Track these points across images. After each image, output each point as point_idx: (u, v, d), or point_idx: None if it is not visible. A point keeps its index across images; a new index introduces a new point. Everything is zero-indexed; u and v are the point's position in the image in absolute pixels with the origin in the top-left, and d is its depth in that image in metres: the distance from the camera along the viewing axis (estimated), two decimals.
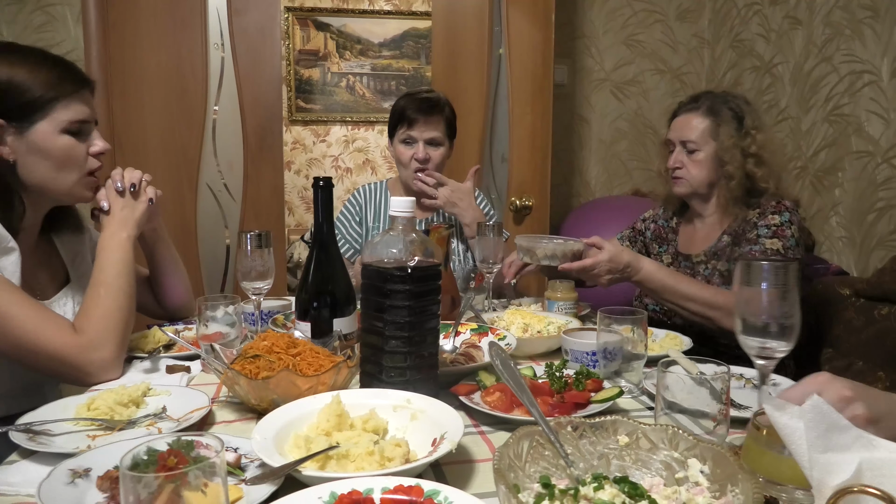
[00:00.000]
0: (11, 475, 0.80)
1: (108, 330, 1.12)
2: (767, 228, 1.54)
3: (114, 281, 1.17)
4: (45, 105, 1.12)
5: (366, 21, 4.29)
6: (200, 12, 2.45)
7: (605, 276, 1.44)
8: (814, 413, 0.55)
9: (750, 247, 1.53)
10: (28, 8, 2.48)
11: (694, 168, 1.64)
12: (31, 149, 1.13)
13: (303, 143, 4.39)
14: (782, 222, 1.54)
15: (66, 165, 1.17)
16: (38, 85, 1.11)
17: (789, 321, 0.84)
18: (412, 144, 1.91)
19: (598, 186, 3.10)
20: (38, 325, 1.06)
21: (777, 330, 0.84)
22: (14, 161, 1.13)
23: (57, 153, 1.15)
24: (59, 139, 1.15)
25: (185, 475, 0.54)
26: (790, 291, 0.84)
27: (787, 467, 0.64)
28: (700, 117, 1.63)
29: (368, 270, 0.94)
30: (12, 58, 1.12)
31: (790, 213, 1.56)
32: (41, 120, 1.13)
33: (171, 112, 2.47)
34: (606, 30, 3.00)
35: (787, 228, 1.53)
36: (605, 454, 0.72)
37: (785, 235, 1.52)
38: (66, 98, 1.14)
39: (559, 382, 1.01)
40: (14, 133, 1.12)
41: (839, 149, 2.29)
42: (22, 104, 1.11)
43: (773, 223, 1.54)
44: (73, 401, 1.00)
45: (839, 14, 2.29)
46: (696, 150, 1.63)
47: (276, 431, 0.81)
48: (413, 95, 1.94)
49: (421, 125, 1.89)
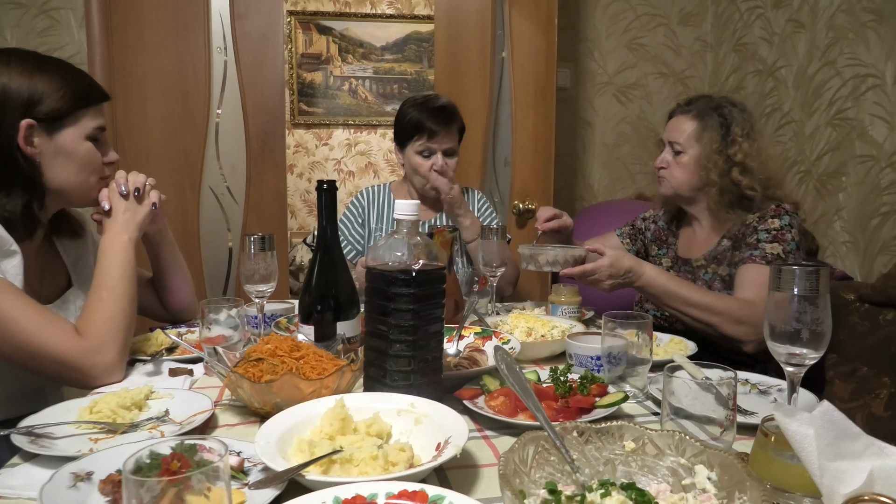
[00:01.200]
0: (13, 478, 0.80)
1: (111, 333, 1.12)
2: (767, 233, 1.53)
3: (116, 284, 1.17)
4: (74, 112, 1.19)
5: (368, 25, 4.29)
6: (203, 17, 2.45)
7: (607, 281, 1.43)
8: (824, 420, 0.54)
9: (750, 252, 1.52)
10: (32, 12, 2.48)
11: (677, 170, 1.64)
12: (58, 151, 1.18)
13: (305, 146, 4.39)
14: (782, 226, 1.53)
15: (86, 169, 1.22)
16: (71, 95, 1.18)
17: (820, 328, 0.82)
18: (430, 156, 1.92)
19: (601, 190, 3.10)
20: (40, 328, 1.06)
21: (808, 337, 0.82)
22: (40, 162, 1.17)
23: (80, 157, 1.20)
24: (83, 144, 1.20)
25: (188, 479, 0.54)
26: (821, 297, 0.82)
27: (796, 474, 0.63)
28: (690, 120, 1.63)
29: (373, 274, 0.94)
30: (48, 67, 1.18)
31: (790, 216, 1.55)
32: (70, 126, 1.18)
33: (174, 116, 2.47)
34: (609, 33, 3.00)
35: (787, 232, 1.52)
36: (611, 460, 0.72)
37: (785, 240, 1.51)
38: (92, 108, 1.21)
39: (564, 387, 1.01)
40: (43, 135, 1.16)
41: (843, 153, 2.29)
42: (54, 109, 1.16)
43: (772, 227, 1.53)
44: (76, 404, 1.00)
45: (843, 18, 2.29)
46: (681, 151, 1.63)
47: (279, 435, 0.81)
48: (426, 104, 1.93)
49: (441, 137, 1.91)
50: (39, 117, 1.15)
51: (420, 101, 1.96)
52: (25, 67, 1.15)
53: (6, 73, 1.13)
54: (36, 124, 1.15)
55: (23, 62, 1.16)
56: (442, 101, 1.96)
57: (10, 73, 1.14)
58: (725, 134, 1.58)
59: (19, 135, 1.13)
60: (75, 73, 1.22)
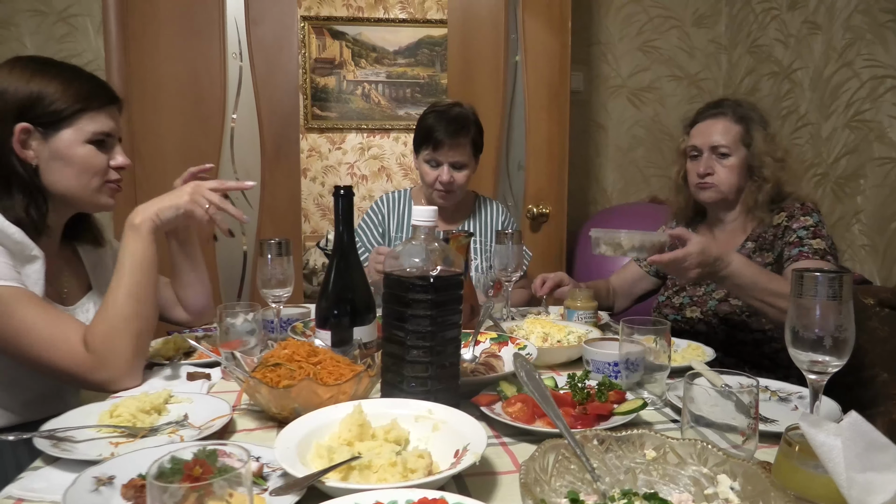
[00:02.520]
0: (36, 482, 0.81)
1: (117, 345, 1.10)
2: (805, 230, 1.54)
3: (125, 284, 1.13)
4: (72, 115, 1.17)
5: (381, 29, 4.31)
6: (218, 23, 2.48)
7: (695, 269, 1.32)
8: (852, 431, 0.53)
9: (797, 249, 1.52)
10: (51, 19, 2.52)
11: (725, 173, 1.62)
12: (54, 154, 1.17)
13: (319, 150, 4.41)
14: (816, 223, 1.54)
15: (86, 173, 1.20)
16: (69, 97, 1.16)
17: (843, 334, 0.81)
18: (437, 167, 1.90)
19: (615, 194, 3.09)
20: (49, 344, 1.07)
21: (831, 344, 0.81)
22: (37, 165, 1.17)
23: (78, 161, 1.19)
24: (81, 148, 1.19)
25: (210, 485, 0.54)
26: (844, 303, 0.81)
27: (821, 485, 0.62)
28: (729, 122, 1.63)
29: (390, 280, 0.94)
30: (49, 71, 1.18)
31: (818, 214, 1.57)
32: (67, 128, 1.17)
33: (189, 121, 2.49)
34: (622, 36, 2.99)
35: (821, 229, 1.54)
36: (632, 469, 0.71)
37: (824, 236, 1.53)
38: (93, 111, 1.19)
39: (581, 394, 1.00)
40: (39, 138, 1.16)
41: (861, 155, 2.26)
42: (50, 112, 1.15)
43: (808, 224, 1.54)
44: (96, 407, 1.01)
45: (860, 18, 2.26)
46: (728, 154, 1.62)
47: (298, 441, 0.81)
48: (442, 113, 1.88)
49: (446, 149, 1.86)
50: (36, 121, 1.15)
51: (440, 109, 1.91)
52: (26, 72, 1.15)
53: (7, 77, 1.14)
54: (32, 128, 1.15)
55: (25, 67, 1.16)
56: (455, 112, 1.89)
57: (11, 77, 1.14)
58: (767, 132, 1.62)
59: (14, 138, 1.13)
60: (78, 76, 1.20)
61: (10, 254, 1.11)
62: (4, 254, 1.10)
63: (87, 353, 1.08)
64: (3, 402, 1.18)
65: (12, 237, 1.11)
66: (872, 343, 1.73)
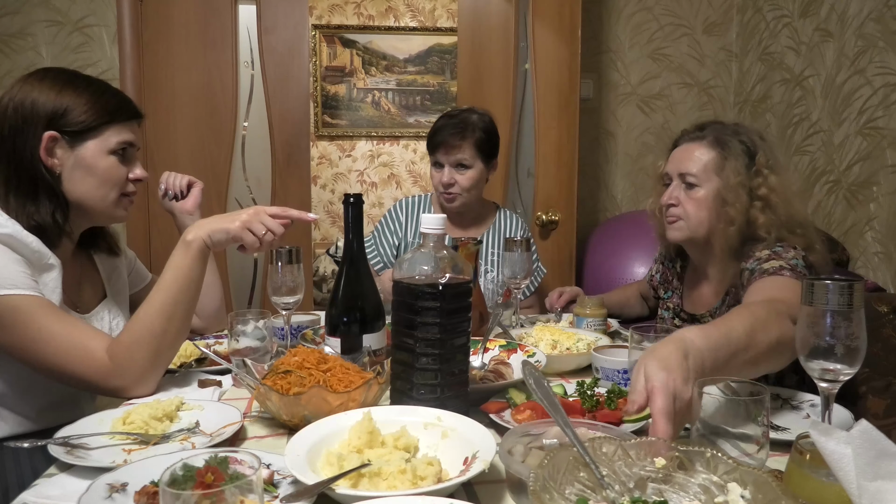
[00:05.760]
0: (51, 488, 0.82)
1: (134, 356, 1.10)
2: (757, 261, 1.29)
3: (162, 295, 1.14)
4: (98, 127, 1.20)
5: (391, 37, 4.33)
6: (231, 32, 2.51)
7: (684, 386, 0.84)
8: (862, 439, 0.53)
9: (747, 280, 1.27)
10: (67, 29, 2.56)
11: (692, 206, 1.40)
12: (78, 163, 1.20)
13: (329, 157, 4.43)
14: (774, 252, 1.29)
15: (107, 183, 1.23)
16: (97, 109, 1.20)
17: (855, 343, 0.80)
18: (440, 169, 1.92)
19: (625, 201, 3.08)
20: (66, 352, 1.09)
21: (843, 352, 0.80)
22: (60, 173, 1.20)
23: (100, 171, 1.22)
24: (104, 160, 1.22)
25: (222, 492, 0.55)
26: (856, 311, 0.80)
27: (832, 493, 0.62)
28: (704, 148, 1.40)
29: (400, 287, 0.95)
30: (80, 84, 1.21)
31: (794, 250, 1.30)
32: (92, 139, 1.20)
33: (202, 129, 2.52)
34: (632, 44, 3.00)
35: (785, 252, 1.28)
36: (642, 476, 0.71)
37: (783, 256, 1.27)
38: (118, 124, 1.23)
39: (591, 401, 1.00)
40: (65, 147, 1.19)
41: (874, 162, 2.25)
42: (78, 122, 1.18)
43: (761, 256, 1.29)
44: (109, 414, 1.02)
45: (872, 26, 2.25)
46: (695, 185, 1.40)
47: (308, 448, 0.82)
48: (448, 116, 1.92)
49: (445, 149, 1.88)
50: (64, 130, 1.18)
51: (448, 113, 1.95)
52: (57, 83, 1.19)
53: (38, 87, 1.18)
54: (59, 136, 1.18)
55: (56, 78, 1.20)
56: (461, 115, 1.90)
57: (42, 87, 1.18)
58: (749, 163, 1.38)
59: (41, 146, 1.16)
60: (106, 90, 1.24)
61: (28, 262, 1.13)
62: (22, 263, 1.12)
63: (104, 360, 1.10)
64: (19, 409, 1.20)
65: (30, 246, 1.13)
66: (886, 351, 1.71)
